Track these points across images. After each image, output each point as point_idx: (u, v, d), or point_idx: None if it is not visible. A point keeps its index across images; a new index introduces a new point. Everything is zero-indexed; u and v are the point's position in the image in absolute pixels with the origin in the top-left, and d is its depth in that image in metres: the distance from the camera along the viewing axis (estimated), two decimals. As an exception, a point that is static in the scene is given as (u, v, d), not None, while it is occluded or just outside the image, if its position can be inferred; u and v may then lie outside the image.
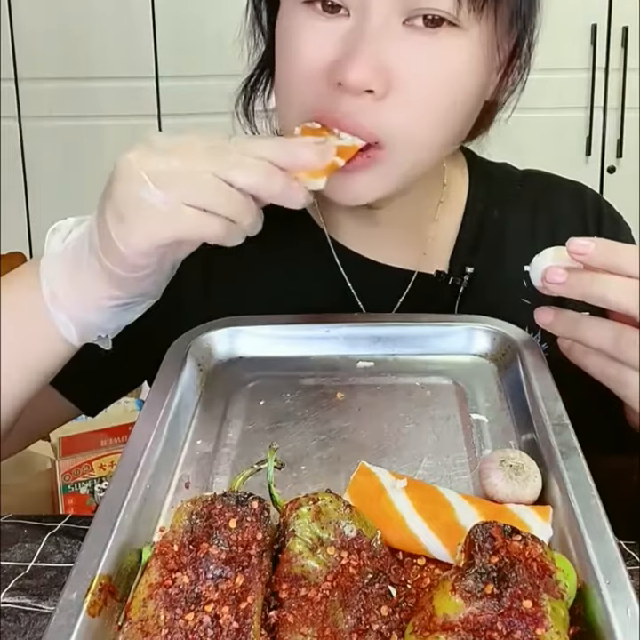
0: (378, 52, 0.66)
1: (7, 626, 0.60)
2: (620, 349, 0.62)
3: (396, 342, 0.79)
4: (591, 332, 0.64)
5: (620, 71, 2.20)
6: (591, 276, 0.63)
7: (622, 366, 0.63)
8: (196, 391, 0.74)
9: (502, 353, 0.77)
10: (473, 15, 0.67)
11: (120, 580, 0.52)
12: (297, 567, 0.51)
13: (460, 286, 0.85)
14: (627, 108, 2.22)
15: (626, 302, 0.62)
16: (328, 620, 0.48)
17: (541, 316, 0.67)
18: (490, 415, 0.70)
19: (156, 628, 0.47)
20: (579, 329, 0.65)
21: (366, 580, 0.51)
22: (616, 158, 2.25)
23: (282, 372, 0.77)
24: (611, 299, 0.62)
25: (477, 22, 0.68)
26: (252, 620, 0.47)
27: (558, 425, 0.62)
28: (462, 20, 0.67)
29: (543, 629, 0.45)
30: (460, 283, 0.85)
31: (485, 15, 0.68)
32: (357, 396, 0.73)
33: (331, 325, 0.79)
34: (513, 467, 0.59)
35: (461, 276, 0.85)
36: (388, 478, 0.59)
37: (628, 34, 2.17)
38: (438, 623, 0.46)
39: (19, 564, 0.67)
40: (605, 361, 0.64)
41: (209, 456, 0.67)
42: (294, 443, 0.67)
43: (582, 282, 0.63)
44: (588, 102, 2.23)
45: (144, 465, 0.60)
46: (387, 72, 0.67)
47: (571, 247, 0.63)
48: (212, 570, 0.49)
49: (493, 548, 0.48)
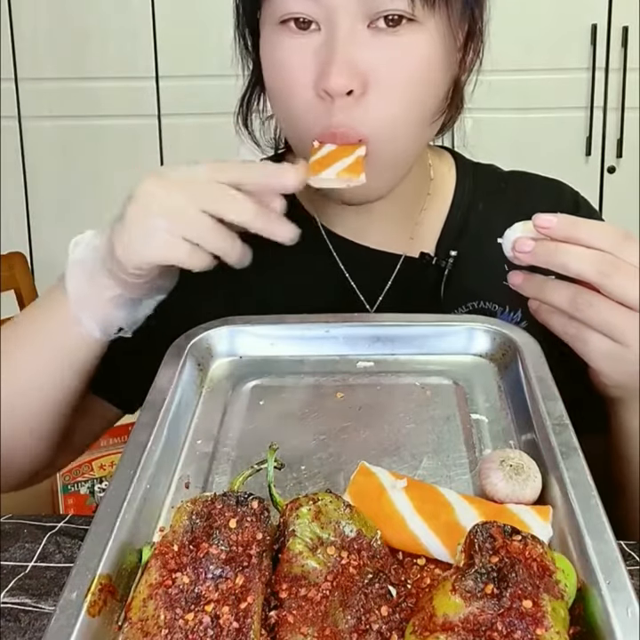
0: (350, 56, 0.74)
1: (7, 626, 0.60)
2: (577, 309, 0.69)
3: (396, 342, 0.79)
4: (554, 293, 0.71)
5: (620, 71, 2.20)
6: (555, 246, 0.69)
7: (580, 325, 0.70)
8: (196, 391, 0.74)
9: (502, 353, 0.77)
10: (427, 10, 0.75)
11: (120, 580, 0.52)
12: (297, 567, 0.51)
13: (445, 268, 0.91)
14: (627, 108, 2.22)
15: (584, 269, 0.68)
16: (328, 620, 0.48)
17: (512, 278, 0.75)
18: (490, 415, 0.70)
19: (155, 628, 0.47)
20: (543, 290, 0.72)
21: (366, 580, 0.51)
22: (616, 158, 2.25)
23: (282, 371, 0.77)
24: (571, 266, 0.68)
25: (432, 15, 0.76)
26: (252, 619, 0.47)
27: (558, 425, 0.62)
28: (418, 16, 0.75)
29: (543, 629, 0.45)
30: (445, 265, 0.91)
31: (438, 8, 0.76)
32: (357, 396, 0.73)
33: (330, 325, 0.79)
34: (513, 467, 0.59)
35: (446, 258, 0.91)
36: (388, 478, 0.59)
37: (628, 34, 2.17)
38: (438, 623, 0.46)
39: (19, 564, 0.67)
40: (567, 320, 0.71)
41: (209, 456, 0.67)
42: (294, 443, 0.67)
43: (547, 251, 0.70)
44: (588, 102, 2.23)
45: (144, 465, 0.60)
46: (361, 72, 0.74)
47: (536, 221, 0.70)
48: (212, 570, 0.50)
49: (493, 547, 0.48)
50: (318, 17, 0.75)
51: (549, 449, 0.60)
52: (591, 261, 0.68)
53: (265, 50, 0.81)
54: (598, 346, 0.70)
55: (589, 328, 0.70)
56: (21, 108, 2.32)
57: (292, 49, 0.77)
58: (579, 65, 2.21)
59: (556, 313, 0.72)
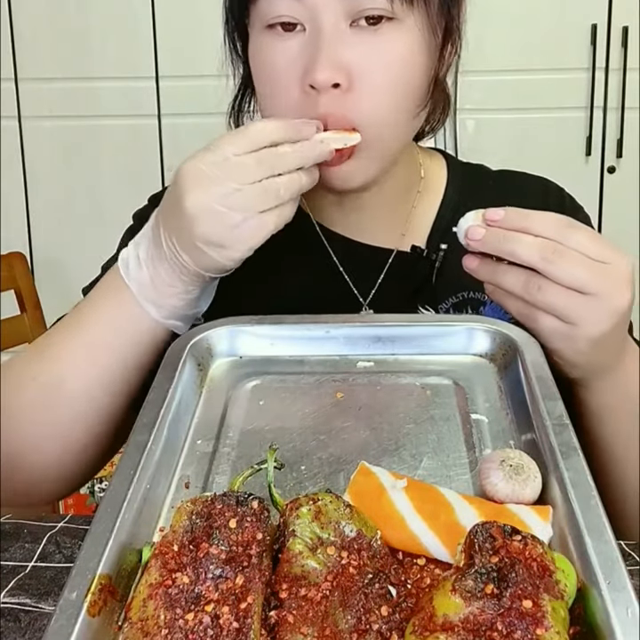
0: (334, 53, 0.78)
1: (7, 626, 0.60)
2: (527, 292, 0.73)
3: (396, 342, 0.79)
4: (506, 277, 0.75)
5: (620, 71, 2.20)
6: (504, 234, 0.74)
7: (532, 307, 0.74)
8: (196, 391, 0.74)
9: (502, 353, 0.77)
10: (406, 8, 0.80)
11: (120, 580, 0.52)
12: (297, 567, 0.51)
13: (436, 261, 0.94)
14: (627, 108, 2.21)
15: (529, 256, 0.72)
16: (328, 619, 0.48)
17: (467, 262, 0.78)
18: (490, 415, 0.70)
19: (155, 628, 0.47)
20: (496, 274, 0.76)
21: (366, 580, 0.51)
22: (616, 158, 2.25)
23: (282, 371, 0.77)
24: (518, 254, 0.73)
25: (411, 12, 0.81)
26: (252, 620, 0.47)
27: (558, 425, 0.62)
28: (397, 13, 0.80)
29: (543, 629, 0.45)
30: (436, 258, 0.94)
31: (416, 5, 0.81)
32: (357, 396, 0.73)
33: (331, 326, 0.80)
34: (513, 467, 0.59)
35: (437, 251, 0.94)
36: (388, 478, 0.59)
37: (628, 34, 2.17)
38: (438, 623, 0.46)
39: (19, 564, 0.67)
40: (520, 303, 0.75)
41: (209, 456, 0.67)
42: (294, 443, 0.67)
43: (496, 239, 0.74)
44: (588, 102, 2.22)
45: (144, 465, 0.60)
46: (345, 68, 0.79)
47: (486, 215, 0.75)
48: (212, 570, 0.50)
49: (493, 547, 0.48)
50: (303, 17, 0.80)
51: (549, 449, 0.60)
52: (536, 249, 0.72)
53: (253, 52, 0.86)
54: (548, 326, 0.74)
55: (540, 310, 0.74)
56: (21, 108, 2.31)
57: (278, 50, 0.81)
58: (579, 65, 2.21)
59: (511, 296, 0.75)
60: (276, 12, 0.80)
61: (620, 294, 0.73)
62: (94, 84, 2.29)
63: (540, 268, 0.72)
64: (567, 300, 0.72)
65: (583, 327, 0.73)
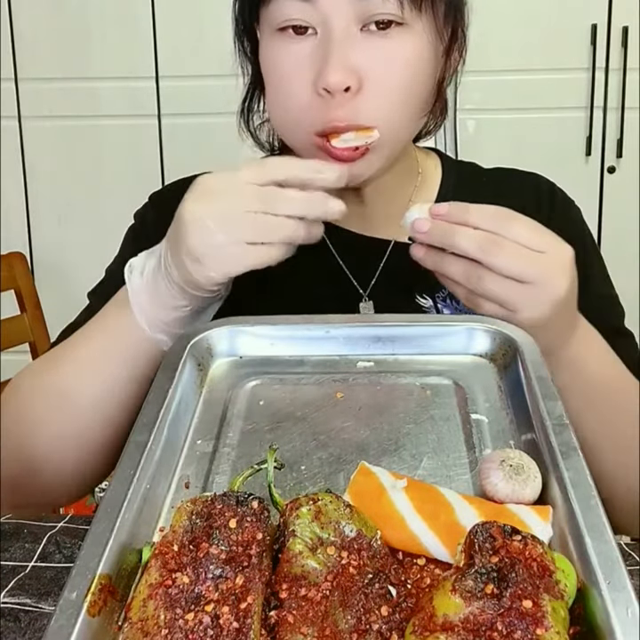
0: (345, 56, 0.81)
1: (7, 626, 0.60)
2: (469, 281, 0.77)
3: (396, 342, 0.79)
4: (450, 267, 0.78)
5: (620, 71, 2.20)
6: (447, 227, 0.77)
7: (475, 295, 0.78)
8: (196, 391, 0.74)
9: (502, 353, 0.77)
10: (414, 13, 0.83)
11: (120, 580, 0.52)
12: (297, 567, 0.51)
13: None
14: (627, 108, 2.22)
15: (469, 248, 0.76)
16: (328, 619, 0.48)
17: (414, 251, 0.81)
18: (490, 415, 0.70)
19: (155, 628, 0.47)
20: (442, 264, 0.79)
21: (366, 580, 0.51)
22: (616, 158, 2.25)
23: (282, 371, 0.77)
24: (459, 245, 0.76)
25: (419, 18, 0.84)
26: (252, 620, 0.47)
27: (558, 425, 0.62)
28: (407, 19, 0.82)
29: (543, 629, 0.45)
30: None
31: (425, 12, 0.84)
32: (357, 396, 0.73)
33: (331, 326, 0.79)
34: (513, 467, 0.59)
35: None
36: (388, 478, 0.59)
37: (628, 34, 2.17)
38: (438, 623, 0.46)
39: (19, 564, 0.67)
40: (465, 289, 0.79)
41: (209, 456, 0.67)
42: (294, 443, 0.67)
43: (440, 232, 0.77)
44: (588, 102, 2.23)
45: (144, 465, 0.60)
46: (356, 71, 0.81)
47: (432, 210, 0.78)
48: (212, 570, 0.50)
49: (493, 548, 0.48)
50: (314, 21, 0.82)
51: (549, 449, 0.60)
52: (475, 241, 0.75)
53: (264, 55, 0.87)
54: (491, 312, 0.78)
55: (481, 297, 0.78)
56: (21, 108, 2.32)
57: (290, 53, 0.83)
58: (579, 65, 2.21)
59: (457, 283, 0.79)
60: (288, 15, 0.82)
61: (558, 281, 0.76)
62: (94, 84, 2.30)
63: (480, 259, 0.75)
64: (506, 289, 0.76)
65: (522, 313, 0.77)
